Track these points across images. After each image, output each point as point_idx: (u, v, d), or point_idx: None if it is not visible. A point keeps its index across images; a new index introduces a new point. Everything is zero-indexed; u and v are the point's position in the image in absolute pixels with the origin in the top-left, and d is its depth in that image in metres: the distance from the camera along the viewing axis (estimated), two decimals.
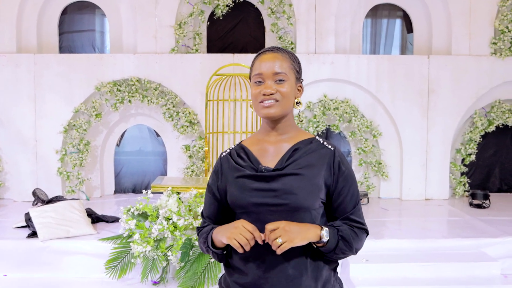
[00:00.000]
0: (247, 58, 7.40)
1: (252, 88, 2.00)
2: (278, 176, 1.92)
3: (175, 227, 5.12)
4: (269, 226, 1.81)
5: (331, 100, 7.60)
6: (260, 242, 1.85)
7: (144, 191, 5.44)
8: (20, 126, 7.49)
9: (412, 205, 7.43)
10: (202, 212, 2.14)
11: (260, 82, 1.96)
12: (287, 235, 1.79)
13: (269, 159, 1.99)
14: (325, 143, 2.03)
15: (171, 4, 7.60)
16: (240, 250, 1.83)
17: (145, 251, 4.98)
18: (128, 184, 8.34)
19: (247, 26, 8.07)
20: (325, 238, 1.88)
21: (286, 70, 1.96)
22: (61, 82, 7.47)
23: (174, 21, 7.61)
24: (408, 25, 8.20)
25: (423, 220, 6.57)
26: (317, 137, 2.07)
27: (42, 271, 5.30)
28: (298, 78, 2.04)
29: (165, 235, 5.08)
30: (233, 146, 2.12)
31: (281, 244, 1.78)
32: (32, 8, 7.70)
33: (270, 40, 7.97)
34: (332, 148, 2.01)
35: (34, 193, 7.17)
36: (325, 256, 1.96)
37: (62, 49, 8.10)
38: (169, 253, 5.00)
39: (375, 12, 8.18)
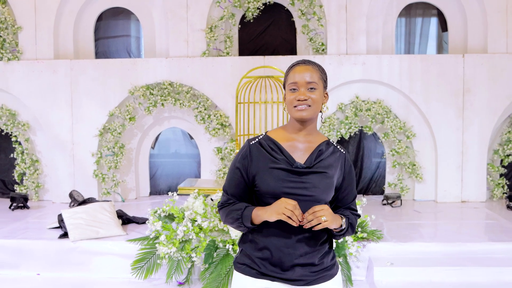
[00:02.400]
0: (277, 60, 7.40)
1: (287, 94, 2.33)
2: (308, 172, 2.29)
3: (201, 228, 5.17)
4: (317, 208, 2.18)
5: (363, 101, 7.52)
6: (297, 222, 2.16)
7: (170, 193, 5.52)
8: (58, 130, 7.72)
9: (447, 207, 7.26)
10: (225, 189, 2.42)
11: (294, 89, 2.30)
12: (330, 217, 2.19)
13: (299, 155, 2.33)
14: (338, 146, 2.43)
15: (202, 8, 7.68)
16: (294, 224, 2.16)
17: (170, 252, 5.05)
18: (163, 186, 8.47)
19: (278, 28, 8.07)
20: (344, 225, 2.33)
21: (316, 80, 2.30)
22: (96, 86, 7.66)
23: (205, 25, 7.69)
24: (443, 24, 8.03)
25: (457, 223, 6.41)
26: (330, 140, 2.45)
27: (72, 271, 5.45)
28: (325, 87, 2.38)
29: (190, 237, 5.14)
30: (260, 136, 2.40)
31: (325, 222, 2.16)
32: (68, 15, 7.93)
33: (301, 41, 7.95)
34: (343, 152, 2.43)
35: (70, 195, 7.35)
36: (332, 236, 2.40)
37: (98, 55, 8.30)
38: (193, 255, 5.05)
39: (408, 11, 8.05)
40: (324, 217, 2.16)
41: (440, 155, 7.51)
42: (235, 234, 5.02)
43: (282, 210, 2.15)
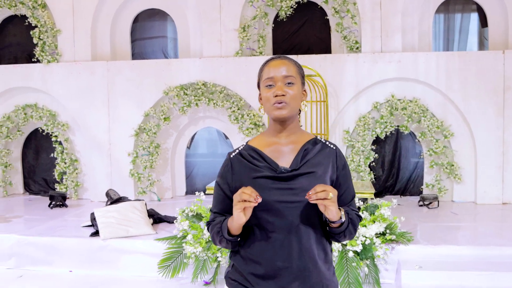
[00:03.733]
0: (311, 59, 7.33)
1: (263, 91, 2.18)
2: (295, 176, 2.11)
3: None
4: (318, 188, 1.96)
5: (398, 100, 7.35)
6: (255, 199, 1.96)
7: (197, 193, 5.55)
8: (95, 130, 7.88)
9: (486, 209, 7.02)
10: (211, 209, 2.28)
11: (271, 85, 2.15)
12: (335, 197, 2.00)
13: (283, 159, 2.17)
14: (327, 142, 2.24)
15: (235, 8, 7.68)
16: (252, 204, 1.96)
17: (197, 251, 5.07)
18: (199, 185, 8.51)
19: (313, 26, 7.99)
20: (344, 218, 2.10)
21: (294, 74, 2.16)
22: (132, 87, 7.77)
23: (238, 24, 7.69)
24: (483, 19, 7.76)
25: (496, 226, 6.19)
26: (318, 137, 2.26)
27: (102, 268, 5.56)
28: (303, 83, 2.24)
29: None
30: (240, 147, 2.26)
31: (329, 199, 1.96)
32: (105, 18, 8.08)
33: (335, 40, 7.84)
34: (334, 148, 2.23)
35: (107, 194, 7.46)
36: (332, 238, 2.18)
37: (134, 56, 8.42)
38: (218, 254, 5.06)
39: (447, 7, 7.81)
40: (331, 194, 1.96)
41: (479, 155, 7.27)
42: None
43: (237, 200, 1.97)
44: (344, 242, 4.91)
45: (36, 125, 8.39)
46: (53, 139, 8.13)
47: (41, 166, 8.69)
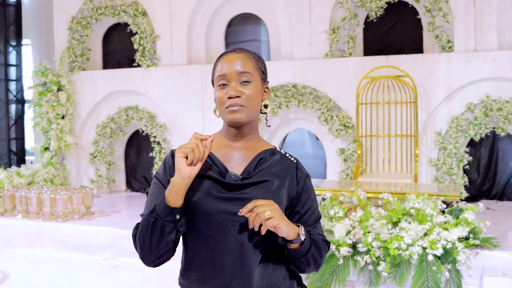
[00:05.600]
0: (401, 60, 7.23)
1: (216, 92, 1.87)
2: (245, 185, 1.83)
3: None
4: (258, 202, 1.69)
5: (493, 100, 7.06)
6: (209, 144, 1.76)
7: None
8: (190, 132, 8.21)
9: None
10: (141, 214, 1.87)
11: (224, 85, 1.84)
12: (276, 213, 1.68)
13: (234, 166, 1.88)
14: (287, 154, 1.96)
15: (325, 10, 7.74)
16: (191, 155, 1.72)
17: None
18: None
19: (404, 26, 7.85)
20: (303, 237, 1.76)
21: (251, 70, 1.85)
22: None
23: (328, 26, 7.73)
24: None
25: None
26: (277, 148, 1.98)
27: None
28: (264, 79, 1.93)
29: None
30: None
31: (269, 218, 1.66)
32: (200, 23, 8.43)
33: (427, 40, 7.66)
34: (294, 161, 1.94)
35: None
36: (293, 265, 1.86)
37: None
38: None
39: None
40: (268, 212, 1.65)
41: None
42: (339, 234, 5.05)
43: (183, 149, 1.73)
44: (414, 245, 4.83)
45: (137, 126, 8.91)
46: (152, 139, 8.59)
47: (142, 165, 9.21)
